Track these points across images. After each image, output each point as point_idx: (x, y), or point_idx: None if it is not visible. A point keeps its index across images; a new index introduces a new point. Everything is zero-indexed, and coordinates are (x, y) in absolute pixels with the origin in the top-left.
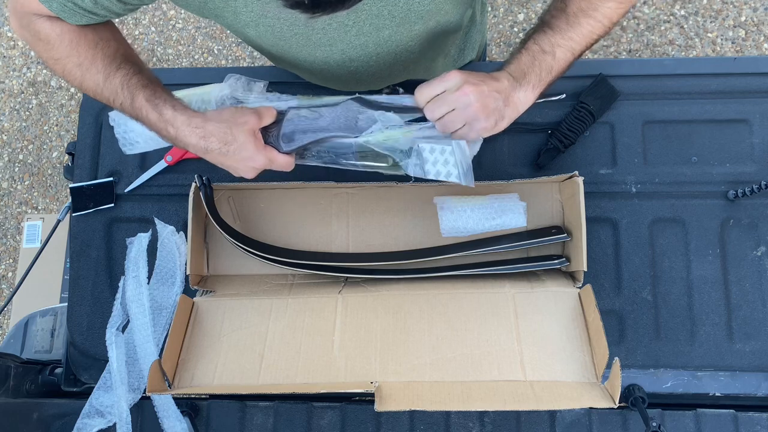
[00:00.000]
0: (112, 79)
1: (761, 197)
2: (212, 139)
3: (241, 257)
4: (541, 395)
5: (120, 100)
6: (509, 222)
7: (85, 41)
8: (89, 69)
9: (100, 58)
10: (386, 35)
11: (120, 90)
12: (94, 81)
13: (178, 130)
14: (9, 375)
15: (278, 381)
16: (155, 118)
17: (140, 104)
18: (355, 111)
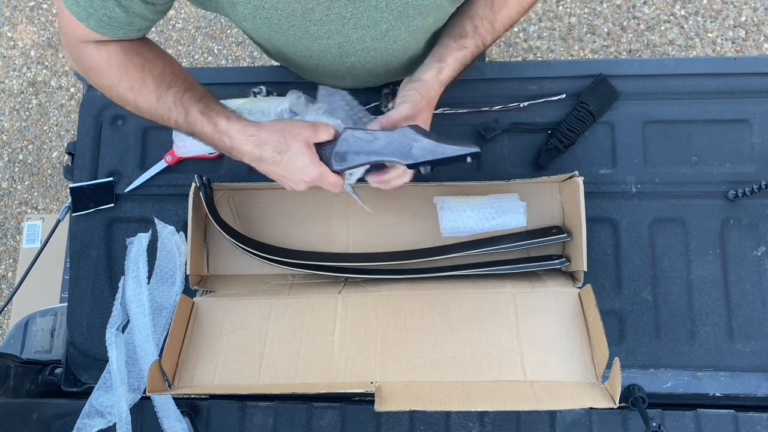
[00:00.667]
0: (164, 98)
1: (761, 197)
2: (266, 147)
3: (241, 257)
4: (541, 395)
5: (174, 117)
6: (509, 222)
7: (132, 64)
8: (141, 91)
9: (150, 79)
10: (384, 29)
11: (173, 107)
12: (148, 102)
13: (233, 139)
14: (9, 375)
15: (278, 381)
16: (210, 129)
17: (194, 118)
18: (410, 138)
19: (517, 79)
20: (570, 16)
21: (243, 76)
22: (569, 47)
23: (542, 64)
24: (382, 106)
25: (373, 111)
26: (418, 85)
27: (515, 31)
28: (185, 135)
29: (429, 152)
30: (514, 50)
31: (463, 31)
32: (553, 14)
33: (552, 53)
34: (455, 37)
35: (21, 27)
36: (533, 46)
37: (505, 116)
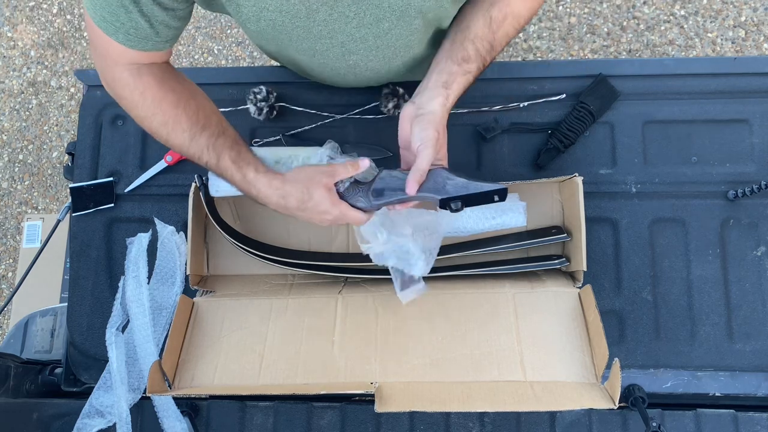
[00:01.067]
0: (197, 139)
1: (761, 197)
2: (291, 198)
3: (241, 257)
4: (541, 396)
5: (206, 159)
6: (509, 221)
7: (167, 101)
8: (174, 129)
9: (184, 118)
10: (386, 27)
11: (206, 150)
12: (180, 140)
13: (259, 192)
14: (9, 375)
15: (278, 381)
16: (239, 178)
17: (226, 165)
18: (444, 176)
19: (517, 79)
20: (570, 16)
21: (243, 76)
22: (569, 47)
23: (542, 64)
24: (381, 106)
25: (373, 111)
26: (430, 119)
27: None
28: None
29: (462, 188)
30: (513, 50)
31: (467, 54)
32: (553, 14)
33: (552, 53)
34: (459, 62)
35: (21, 27)
36: (533, 46)
37: (505, 116)
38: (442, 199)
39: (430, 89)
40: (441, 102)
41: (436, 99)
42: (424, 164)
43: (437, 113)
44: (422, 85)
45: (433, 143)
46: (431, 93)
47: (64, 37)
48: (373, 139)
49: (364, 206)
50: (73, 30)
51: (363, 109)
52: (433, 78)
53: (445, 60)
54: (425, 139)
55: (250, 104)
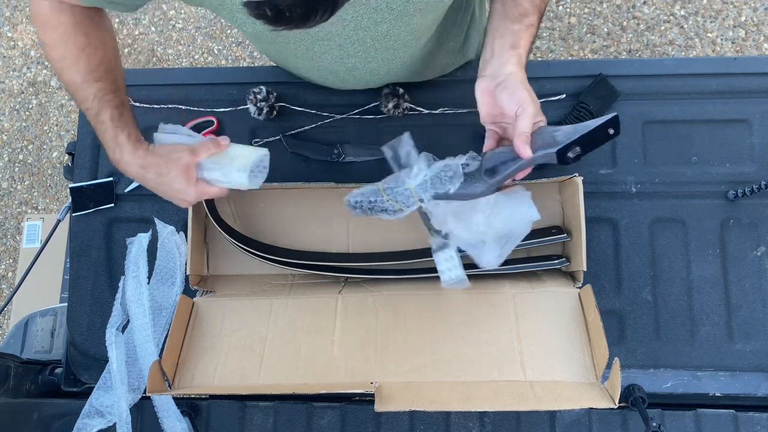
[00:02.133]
0: (87, 86)
1: (761, 197)
2: (150, 170)
3: (241, 257)
4: (541, 395)
5: (87, 106)
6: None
7: (75, 42)
8: (70, 67)
9: (84, 63)
10: (384, 30)
11: (91, 98)
12: (71, 79)
13: (122, 157)
14: (9, 375)
15: (278, 381)
16: (110, 137)
17: (103, 119)
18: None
19: None
20: (570, 16)
21: (243, 76)
22: (569, 47)
23: (542, 64)
24: (381, 106)
25: (373, 111)
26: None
27: None
28: None
29: (573, 133)
30: None
31: (523, 9)
32: (553, 14)
33: (552, 53)
34: (519, 18)
35: (21, 27)
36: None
37: None
38: (559, 150)
39: (497, 55)
40: (516, 62)
41: (510, 61)
42: (527, 125)
43: (517, 74)
44: (485, 55)
45: (530, 101)
46: (502, 58)
47: None
48: (373, 139)
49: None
50: None
51: (363, 109)
52: (496, 44)
53: (502, 22)
54: (521, 101)
55: (250, 104)
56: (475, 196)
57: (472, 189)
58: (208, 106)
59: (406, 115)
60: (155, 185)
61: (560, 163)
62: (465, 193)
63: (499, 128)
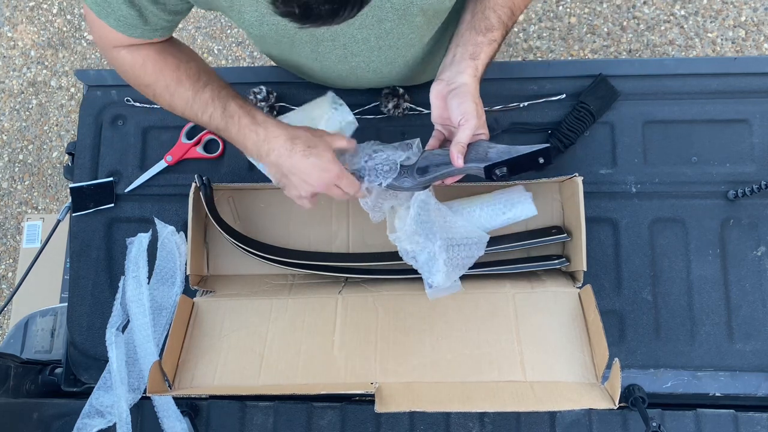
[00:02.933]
0: (201, 94)
1: (761, 197)
2: (299, 141)
3: (241, 257)
4: (541, 396)
5: (210, 111)
6: (520, 213)
7: (167, 64)
8: (177, 89)
9: (186, 78)
10: (388, 27)
11: (210, 102)
12: (184, 99)
13: (268, 131)
14: (9, 375)
15: (278, 381)
16: (248, 121)
17: (233, 111)
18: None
19: (517, 79)
20: (570, 16)
21: (243, 76)
22: (569, 47)
23: (542, 64)
24: (381, 106)
25: (373, 111)
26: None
27: (515, 31)
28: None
29: (505, 153)
30: (514, 50)
31: (489, 24)
32: (553, 14)
33: (552, 53)
34: (483, 31)
35: (21, 27)
36: (533, 46)
37: (505, 116)
38: (486, 166)
39: (456, 63)
40: (471, 73)
41: (466, 71)
42: (466, 136)
43: (470, 85)
44: (446, 60)
45: (474, 114)
46: (459, 66)
47: (64, 37)
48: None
49: (411, 186)
50: (73, 30)
51: (363, 109)
52: (458, 51)
53: (468, 32)
54: (465, 112)
55: None
56: (403, 190)
57: (401, 182)
58: None
59: (406, 115)
60: (301, 157)
61: (487, 179)
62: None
63: (445, 130)
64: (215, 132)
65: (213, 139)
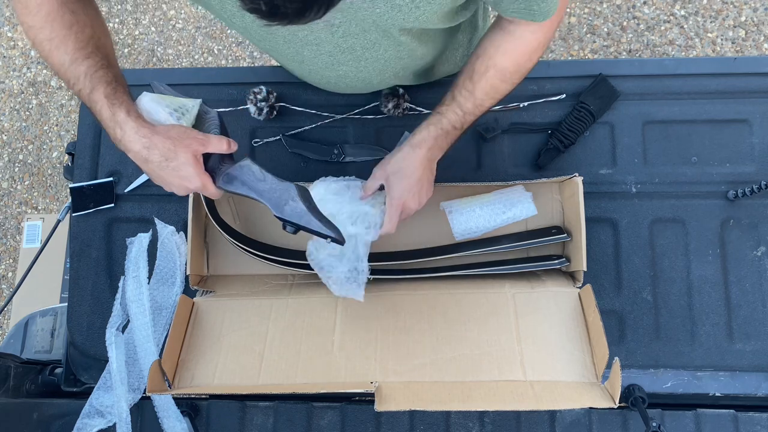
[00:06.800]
0: (78, 65)
1: (761, 197)
2: (155, 151)
3: (241, 257)
4: (541, 395)
5: (79, 87)
6: (520, 213)
7: (61, 20)
8: (58, 47)
9: (72, 41)
10: (373, 39)
11: (82, 77)
12: (60, 60)
13: (125, 134)
14: (9, 375)
15: (278, 381)
16: (108, 116)
17: (97, 98)
18: (289, 196)
19: None
20: (570, 16)
21: (243, 76)
22: (569, 47)
23: (542, 64)
24: (381, 106)
25: (373, 111)
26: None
27: None
28: None
29: (296, 216)
30: None
31: (443, 99)
32: None
33: (552, 53)
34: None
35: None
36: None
37: (505, 116)
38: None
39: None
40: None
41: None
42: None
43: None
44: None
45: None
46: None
47: None
48: (373, 139)
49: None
50: None
51: (363, 109)
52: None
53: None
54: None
55: (250, 104)
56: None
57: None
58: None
59: (406, 115)
60: (157, 168)
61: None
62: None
63: None
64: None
65: None
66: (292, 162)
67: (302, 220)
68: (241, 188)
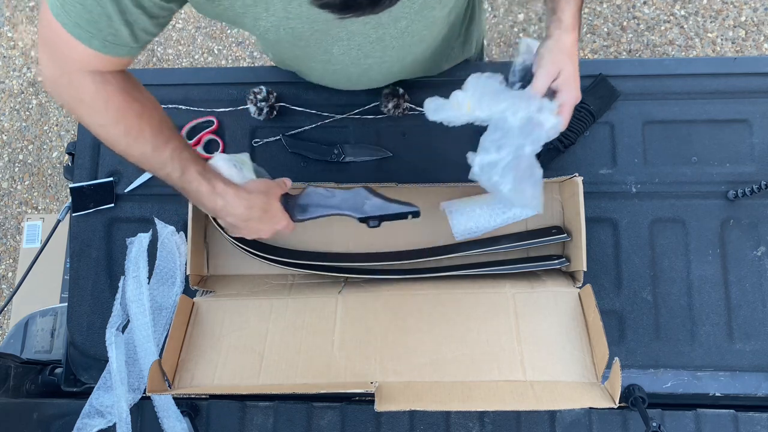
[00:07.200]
0: (160, 151)
1: (761, 197)
2: (255, 208)
3: (241, 257)
4: (541, 395)
5: (167, 171)
6: (520, 213)
7: (132, 110)
8: (137, 139)
9: (147, 129)
10: (403, 26)
11: (169, 162)
12: (141, 151)
13: (227, 202)
14: (9, 375)
15: (278, 381)
16: (207, 190)
17: (191, 177)
18: (363, 196)
19: None
20: None
21: (243, 76)
22: None
23: None
24: (381, 106)
25: (373, 111)
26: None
27: (515, 31)
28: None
29: (378, 208)
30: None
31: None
32: None
33: None
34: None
35: (21, 27)
36: None
37: None
38: (361, 219)
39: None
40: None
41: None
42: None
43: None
44: None
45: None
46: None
47: None
48: (373, 139)
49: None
50: None
51: (363, 109)
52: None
53: None
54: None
55: (250, 104)
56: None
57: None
58: (208, 106)
59: (406, 115)
60: (257, 222)
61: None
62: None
63: None
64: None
65: (213, 139)
66: (292, 162)
67: (384, 210)
68: (318, 211)
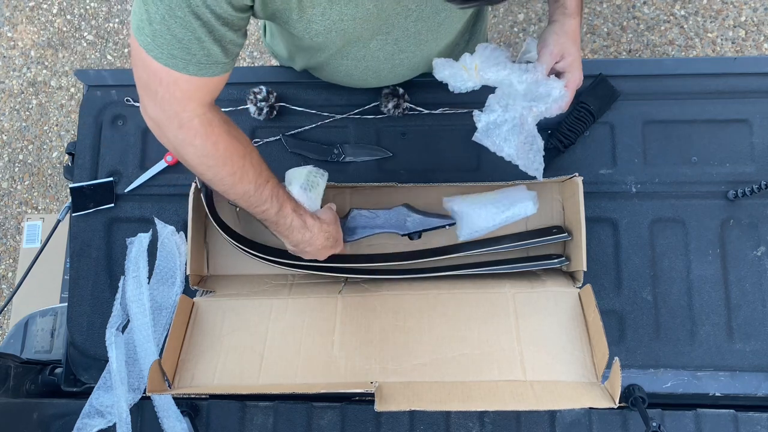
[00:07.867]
0: (261, 190)
1: (761, 197)
2: (332, 238)
3: (241, 257)
4: (541, 395)
5: (265, 208)
6: (520, 212)
7: (237, 152)
8: (242, 179)
9: (250, 170)
10: (441, 18)
11: (269, 200)
12: (244, 190)
13: (314, 235)
14: (9, 375)
15: (278, 381)
16: (299, 224)
17: (287, 213)
18: (404, 214)
19: None
20: None
21: (243, 76)
22: None
23: None
24: (381, 106)
25: (373, 111)
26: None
27: (515, 31)
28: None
29: (420, 224)
30: (514, 50)
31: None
32: None
33: None
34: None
35: (21, 27)
36: None
37: None
38: (404, 235)
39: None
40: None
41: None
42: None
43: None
44: None
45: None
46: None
47: (64, 37)
48: (373, 139)
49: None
50: (73, 30)
51: (363, 109)
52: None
53: None
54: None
55: (250, 104)
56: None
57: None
58: None
59: (406, 115)
60: (329, 249)
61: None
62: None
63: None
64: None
65: None
66: (292, 162)
67: (425, 225)
68: (364, 232)
